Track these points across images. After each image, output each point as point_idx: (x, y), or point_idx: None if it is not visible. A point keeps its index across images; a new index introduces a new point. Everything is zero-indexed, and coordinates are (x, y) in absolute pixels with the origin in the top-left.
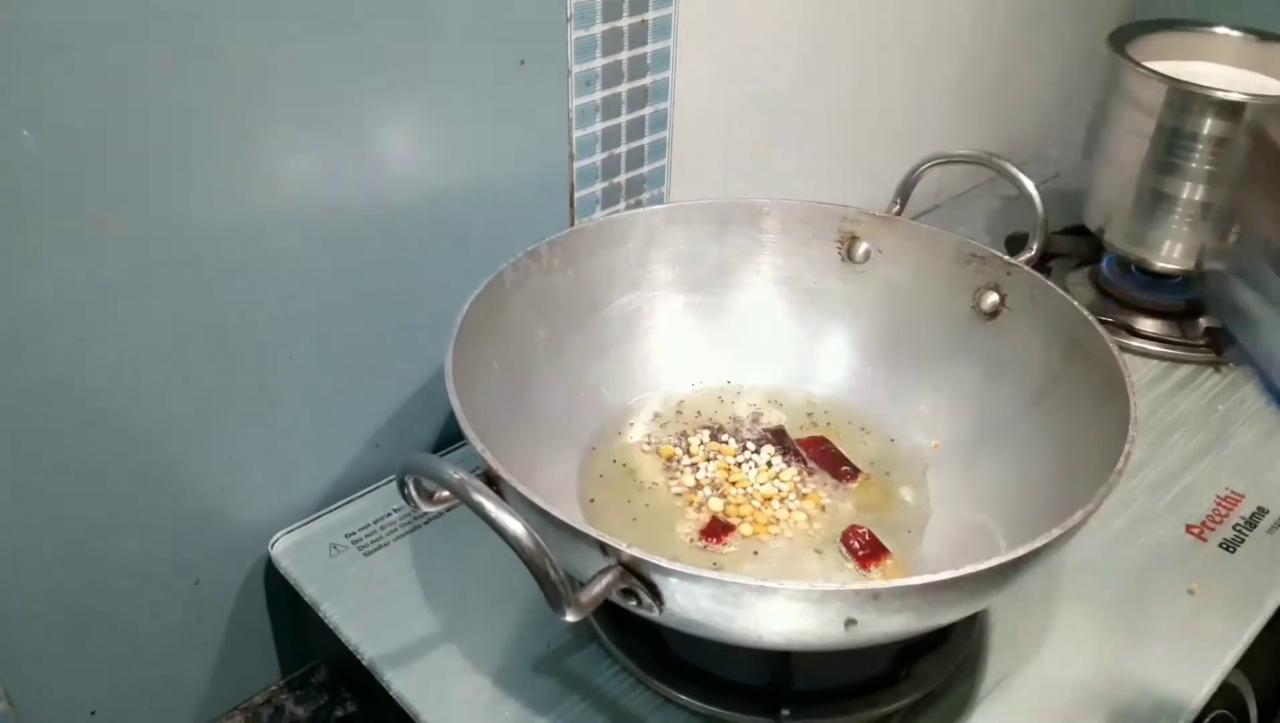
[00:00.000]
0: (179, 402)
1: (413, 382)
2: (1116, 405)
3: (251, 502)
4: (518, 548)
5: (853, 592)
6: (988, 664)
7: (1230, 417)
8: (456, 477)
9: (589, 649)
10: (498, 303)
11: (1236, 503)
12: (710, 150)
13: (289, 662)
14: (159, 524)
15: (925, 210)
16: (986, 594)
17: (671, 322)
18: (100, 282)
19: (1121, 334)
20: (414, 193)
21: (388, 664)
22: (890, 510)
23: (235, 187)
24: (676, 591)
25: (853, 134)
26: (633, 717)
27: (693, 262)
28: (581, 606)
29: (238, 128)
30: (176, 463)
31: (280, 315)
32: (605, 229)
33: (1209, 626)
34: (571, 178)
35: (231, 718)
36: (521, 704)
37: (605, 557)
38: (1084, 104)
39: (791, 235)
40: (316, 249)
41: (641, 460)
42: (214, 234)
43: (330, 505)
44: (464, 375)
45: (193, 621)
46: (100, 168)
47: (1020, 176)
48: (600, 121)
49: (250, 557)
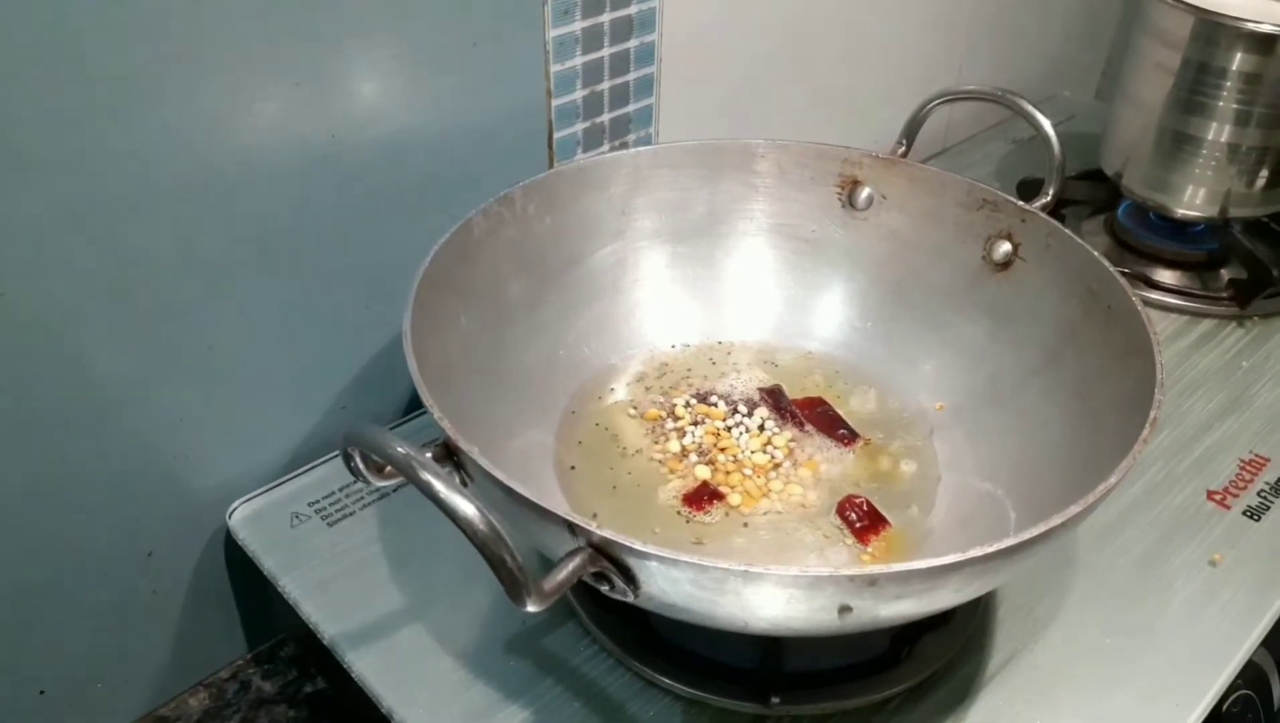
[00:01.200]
0: (122, 355)
1: (380, 339)
2: (1139, 365)
3: (206, 467)
4: (469, 533)
5: (847, 578)
6: (994, 642)
7: (1254, 374)
8: (402, 452)
9: (566, 628)
10: (467, 253)
11: (1261, 467)
12: (701, 88)
13: (255, 635)
14: (103, 490)
15: (932, 154)
16: (994, 577)
17: (657, 274)
18: (33, 216)
19: (1139, 286)
20: (377, 132)
21: (350, 644)
22: (891, 478)
23: (183, 124)
24: (654, 575)
25: (856, 70)
26: (612, 700)
27: (681, 209)
28: (545, 594)
29: (187, 61)
30: (122, 423)
31: (230, 265)
32: (585, 173)
33: (1232, 599)
34: (549, 117)
35: (194, 694)
36: (492, 687)
37: (574, 537)
38: (1099, 43)
39: (788, 180)
40: (270, 193)
41: (624, 425)
42: (157, 172)
43: (293, 472)
44: (427, 334)
45: (147, 593)
46: (42, 97)
47: (1036, 114)
48: (580, 55)
49: (207, 526)
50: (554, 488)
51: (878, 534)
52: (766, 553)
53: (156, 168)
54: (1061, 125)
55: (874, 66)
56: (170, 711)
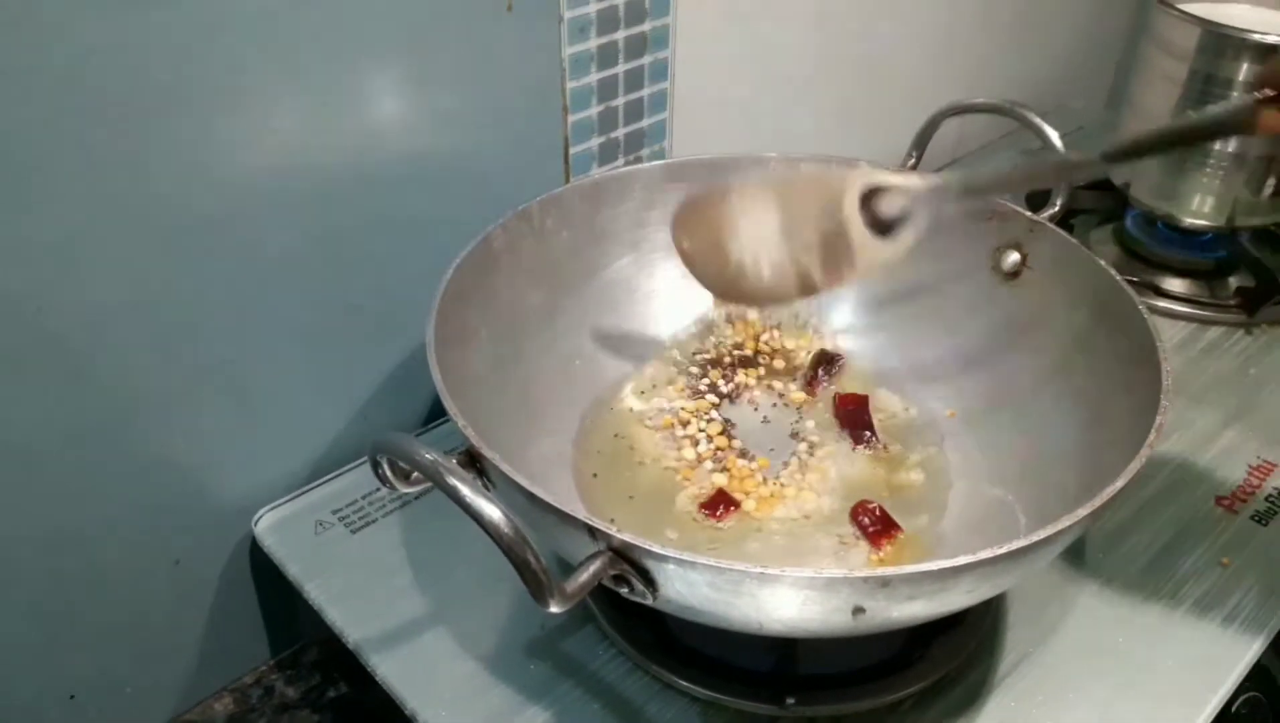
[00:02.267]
0: (148, 369)
1: (401, 351)
2: (1146, 373)
3: (231, 477)
4: (495, 536)
5: (861, 579)
6: (1006, 644)
7: (1262, 381)
8: (429, 458)
9: (585, 631)
10: (486, 267)
11: (1269, 473)
12: (715, 102)
13: (279, 641)
14: (131, 500)
15: (943, 165)
16: (1005, 579)
17: (672, 285)
18: (64, 236)
19: (1147, 294)
20: (396, 151)
21: (374, 648)
22: (903, 485)
23: (205, 145)
24: (671, 577)
25: (866, 84)
26: (629, 702)
27: None
28: (567, 596)
29: (208, 83)
30: (150, 435)
31: (252, 280)
32: (600, 187)
33: (1240, 603)
34: (566, 132)
35: (219, 699)
36: (513, 690)
37: (594, 541)
38: (1108, 54)
39: None
40: (291, 211)
41: (640, 433)
42: (180, 192)
43: (316, 481)
44: (449, 345)
45: (174, 600)
46: (67, 122)
47: (1043, 126)
48: (596, 71)
49: (233, 535)
50: (572, 495)
51: (890, 539)
52: (781, 557)
53: (178, 191)
54: (1070, 135)
55: (885, 80)
56: (196, 715)
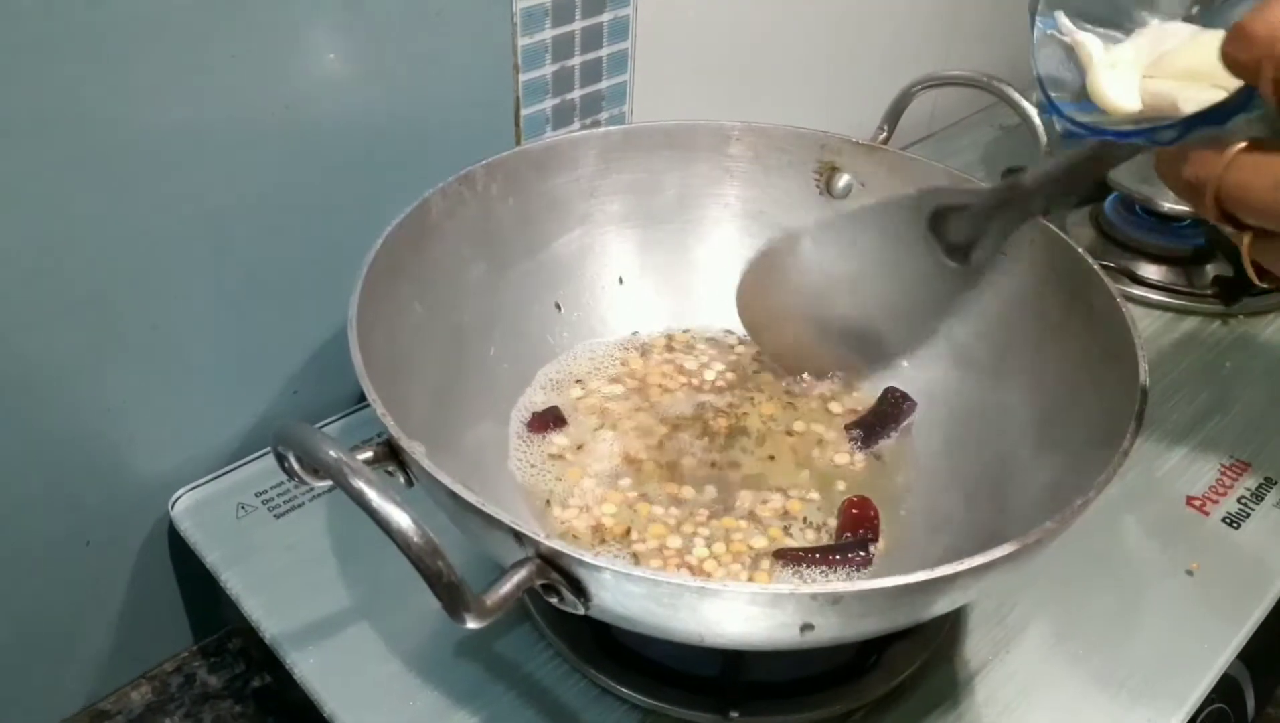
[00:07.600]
0: (56, 336)
1: (334, 321)
2: (1121, 369)
3: (148, 454)
4: (403, 545)
5: (809, 596)
6: (965, 651)
7: (1238, 374)
8: (333, 456)
9: (520, 631)
10: (424, 235)
11: (1242, 473)
12: (678, 65)
13: (201, 627)
14: (38, 476)
15: (915, 140)
16: (963, 595)
17: (625, 260)
18: None
19: (1123, 281)
20: (332, 105)
21: (293, 644)
22: (862, 482)
23: (121, 87)
24: (604, 587)
25: (839, 52)
26: (566, 708)
27: (651, 192)
28: (486, 609)
29: (125, 22)
30: (57, 406)
31: (174, 240)
32: (551, 152)
33: (1208, 611)
34: (517, 92)
35: (137, 687)
36: (439, 693)
37: (521, 547)
38: None
39: (763, 164)
40: (215, 167)
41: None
42: (88, 140)
43: (240, 460)
44: (376, 321)
45: (87, 583)
46: None
47: (1021, 101)
48: (550, 27)
49: (149, 515)
50: (512, 486)
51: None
52: None
53: (87, 137)
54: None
55: (858, 49)
56: (111, 704)
